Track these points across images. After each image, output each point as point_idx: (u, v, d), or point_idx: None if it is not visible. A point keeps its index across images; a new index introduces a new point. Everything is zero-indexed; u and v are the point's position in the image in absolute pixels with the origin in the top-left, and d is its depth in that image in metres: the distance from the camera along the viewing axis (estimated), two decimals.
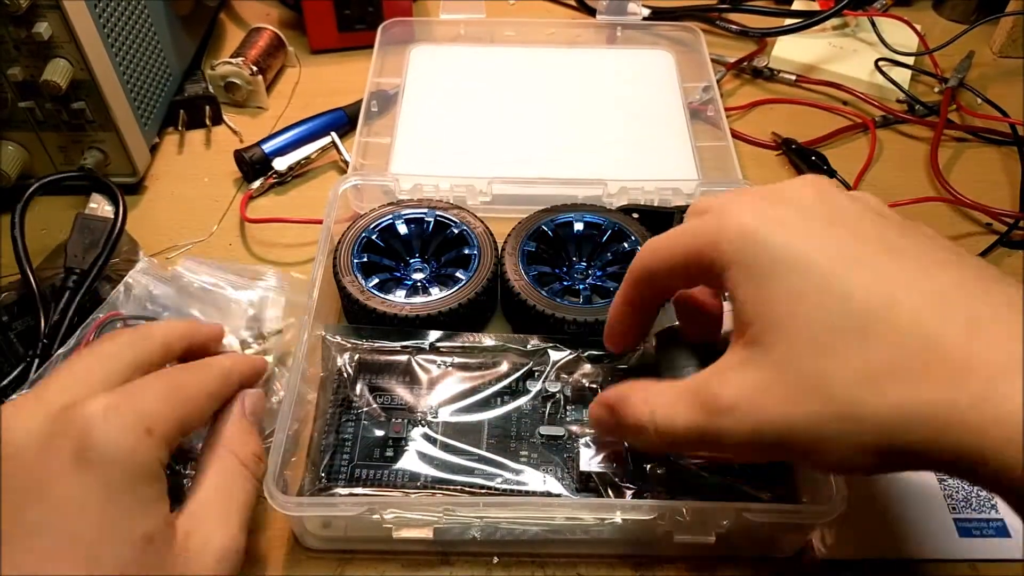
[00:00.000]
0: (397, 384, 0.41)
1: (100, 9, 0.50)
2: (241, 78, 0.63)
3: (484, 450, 0.38)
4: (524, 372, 0.41)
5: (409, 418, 0.39)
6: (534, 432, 0.39)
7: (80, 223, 0.47)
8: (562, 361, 0.42)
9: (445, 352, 0.42)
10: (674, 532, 0.37)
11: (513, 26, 0.69)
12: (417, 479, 0.37)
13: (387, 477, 0.38)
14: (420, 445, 0.38)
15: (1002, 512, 0.41)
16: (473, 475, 0.38)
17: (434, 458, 0.38)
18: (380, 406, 0.40)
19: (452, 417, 0.40)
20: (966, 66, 0.67)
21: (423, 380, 0.41)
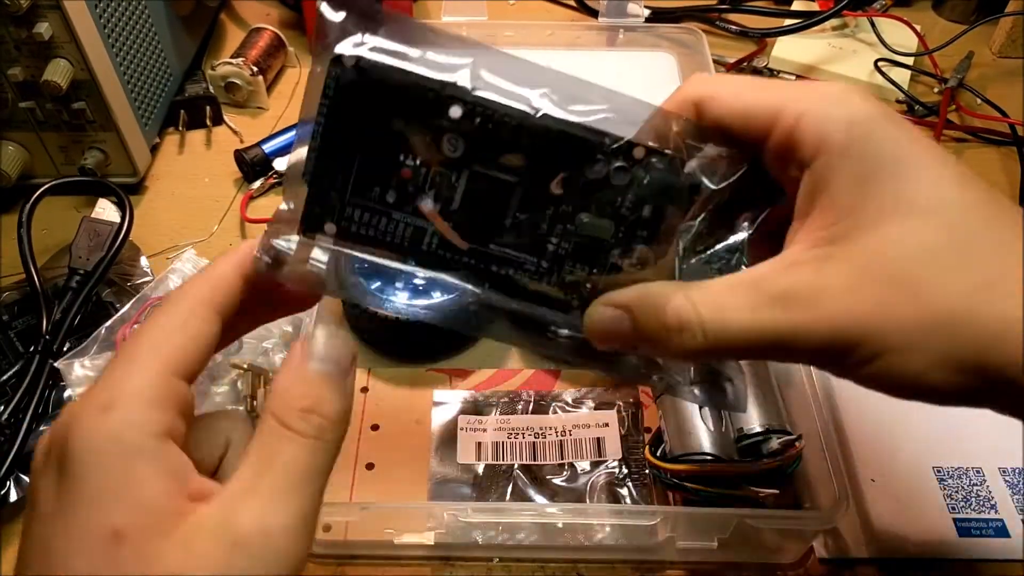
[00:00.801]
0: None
1: (101, 9, 0.50)
2: (241, 78, 0.63)
3: (507, 223, 0.28)
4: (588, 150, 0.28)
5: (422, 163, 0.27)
6: (574, 218, 0.28)
7: (85, 226, 0.48)
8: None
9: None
10: (676, 538, 0.37)
11: (514, 28, 0.69)
12: (421, 240, 0.27)
13: (385, 231, 0.27)
14: (431, 199, 0.27)
15: (1001, 512, 0.41)
16: (483, 255, 0.28)
17: (446, 217, 0.28)
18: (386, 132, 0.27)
19: (479, 172, 0.27)
20: (966, 66, 0.67)
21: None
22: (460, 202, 0.27)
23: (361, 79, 0.26)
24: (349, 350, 0.26)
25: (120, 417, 0.22)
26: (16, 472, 0.40)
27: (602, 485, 0.41)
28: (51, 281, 0.46)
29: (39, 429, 0.41)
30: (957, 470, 0.42)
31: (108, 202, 0.50)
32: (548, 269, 0.28)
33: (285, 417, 0.24)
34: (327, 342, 0.26)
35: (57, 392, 0.43)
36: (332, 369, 0.25)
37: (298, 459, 0.23)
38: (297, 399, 0.24)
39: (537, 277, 0.28)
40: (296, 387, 0.24)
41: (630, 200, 0.28)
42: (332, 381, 0.25)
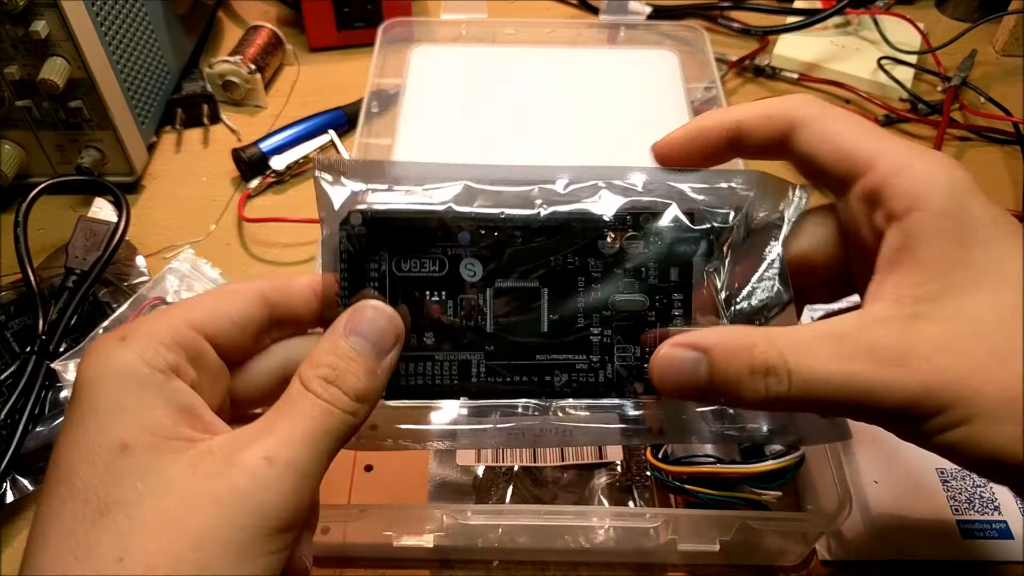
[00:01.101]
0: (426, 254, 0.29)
1: (98, 8, 0.50)
2: (239, 76, 0.63)
3: (545, 329, 0.28)
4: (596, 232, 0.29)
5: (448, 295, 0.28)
6: (607, 302, 0.28)
7: (82, 226, 0.47)
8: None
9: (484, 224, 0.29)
10: (677, 540, 0.37)
11: (515, 26, 0.68)
12: (469, 373, 0.28)
13: (432, 375, 0.28)
14: (467, 327, 0.28)
15: (1005, 514, 0.41)
16: (533, 369, 0.28)
17: (484, 344, 0.28)
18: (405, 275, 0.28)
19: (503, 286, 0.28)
20: (969, 65, 0.66)
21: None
22: (493, 324, 0.28)
23: (372, 231, 0.27)
24: (393, 330, 0.27)
25: (133, 348, 0.24)
26: (13, 473, 0.40)
27: (603, 487, 0.40)
28: (47, 281, 0.46)
29: (36, 430, 0.41)
30: (960, 472, 0.42)
31: (105, 201, 0.50)
32: (601, 361, 0.28)
33: (308, 381, 0.25)
34: (370, 319, 0.26)
35: (54, 393, 0.42)
36: (365, 348, 0.26)
37: (310, 416, 0.24)
38: (323, 367, 0.25)
39: (594, 374, 0.28)
40: (326, 356, 0.25)
41: (654, 267, 0.28)
42: (362, 359, 0.26)
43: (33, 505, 0.41)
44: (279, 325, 0.28)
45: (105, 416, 0.23)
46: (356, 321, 0.26)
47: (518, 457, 0.41)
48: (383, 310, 0.27)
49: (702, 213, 0.28)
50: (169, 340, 0.25)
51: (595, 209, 0.28)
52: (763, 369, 0.24)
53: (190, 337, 0.25)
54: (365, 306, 0.27)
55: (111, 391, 0.24)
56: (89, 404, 0.24)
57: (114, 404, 0.23)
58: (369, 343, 0.26)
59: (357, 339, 0.26)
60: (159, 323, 0.25)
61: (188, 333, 0.25)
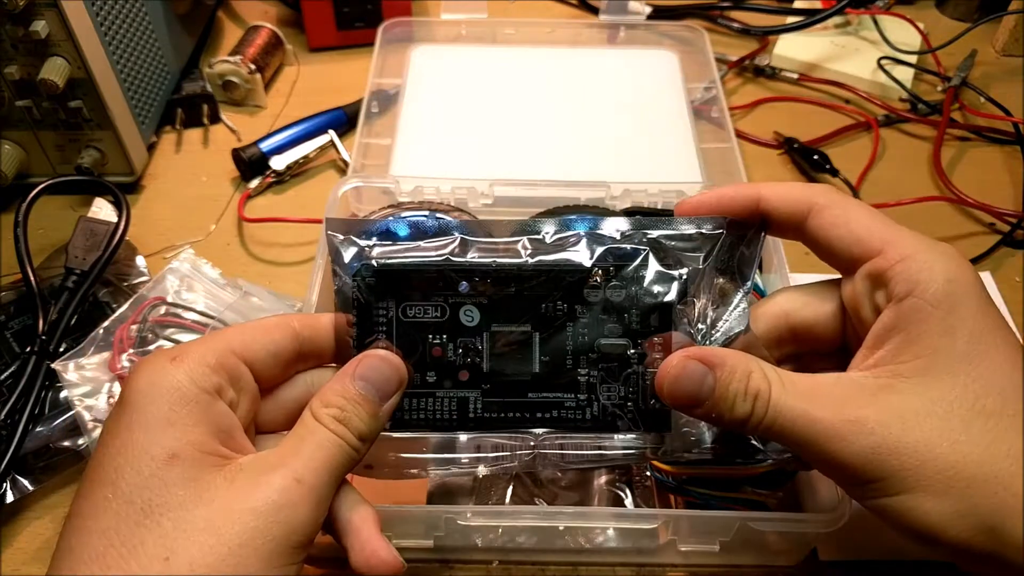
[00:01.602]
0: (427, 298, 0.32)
1: (98, 8, 0.50)
2: (239, 76, 0.63)
3: (536, 370, 0.31)
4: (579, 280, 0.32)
5: (447, 337, 0.31)
6: (593, 345, 0.31)
7: (82, 226, 0.47)
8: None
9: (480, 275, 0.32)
10: (677, 540, 0.37)
11: (514, 26, 0.68)
12: (467, 409, 0.31)
13: (434, 409, 0.31)
14: (465, 366, 0.31)
15: None
16: (525, 406, 0.31)
17: (481, 382, 0.31)
18: (410, 321, 0.31)
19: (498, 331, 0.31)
20: (969, 65, 0.66)
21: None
22: (489, 364, 0.31)
23: (380, 281, 0.31)
24: (397, 378, 0.30)
25: (183, 368, 0.27)
26: (13, 473, 0.40)
27: (603, 487, 0.40)
28: (47, 281, 0.46)
29: (36, 430, 0.41)
30: None
31: (105, 201, 0.50)
32: (587, 399, 0.31)
33: (320, 416, 0.28)
34: (377, 368, 0.30)
35: (54, 393, 0.42)
36: (371, 392, 0.29)
37: (326, 447, 0.28)
38: (334, 408, 0.28)
39: (580, 411, 0.31)
40: (337, 397, 0.29)
41: (635, 313, 0.31)
42: (367, 403, 0.29)
43: (34, 505, 0.41)
44: (304, 358, 0.31)
45: (155, 427, 0.26)
46: (365, 368, 0.29)
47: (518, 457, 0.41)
48: (389, 359, 0.30)
49: (676, 258, 0.31)
50: (215, 363, 0.28)
51: (576, 258, 0.31)
52: (754, 393, 0.27)
53: (233, 362, 0.28)
54: (374, 355, 0.30)
55: (161, 405, 0.26)
56: (139, 414, 0.26)
57: (164, 417, 0.26)
58: (374, 388, 0.29)
59: (365, 384, 0.29)
60: (208, 347, 0.28)
61: (232, 359, 0.28)
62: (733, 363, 0.28)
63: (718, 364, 0.28)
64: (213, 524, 0.25)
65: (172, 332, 0.45)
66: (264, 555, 0.25)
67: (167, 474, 0.25)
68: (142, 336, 0.44)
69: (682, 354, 0.28)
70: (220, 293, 0.47)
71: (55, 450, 0.41)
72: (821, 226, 0.29)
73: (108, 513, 0.25)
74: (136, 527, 0.24)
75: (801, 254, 0.54)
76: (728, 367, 0.28)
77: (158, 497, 0.25)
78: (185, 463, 0.26)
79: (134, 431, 0.26)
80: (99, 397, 0.41)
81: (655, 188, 0.50)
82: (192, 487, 0.25)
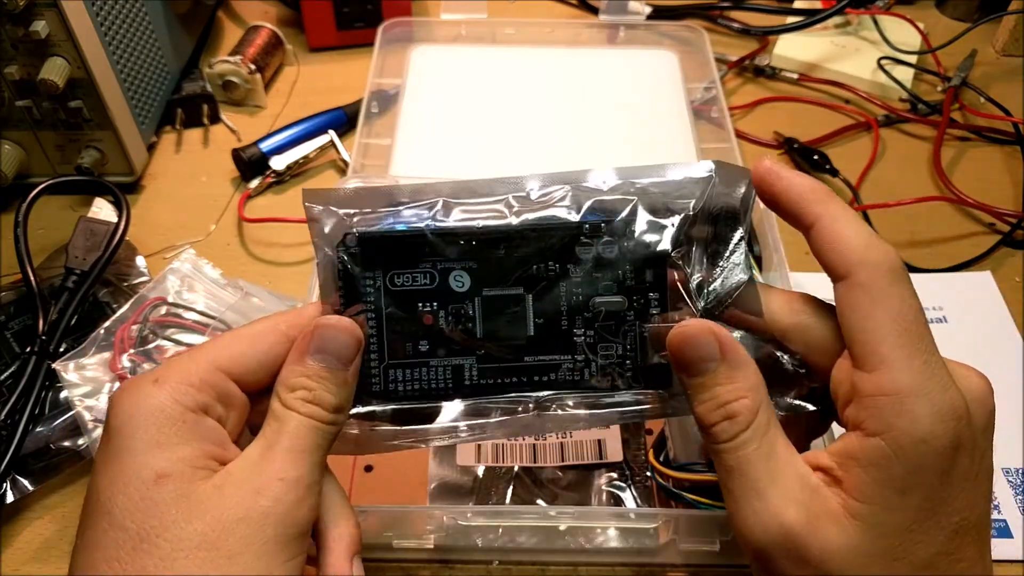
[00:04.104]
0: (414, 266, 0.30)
1: (98, 8, 0.50)
2: (239, 76, 0.63)
3: (531, 332, 0.30)
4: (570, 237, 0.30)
5: (437, 304, 0.30)
6: (588, 304, 0.30)
7: (82, 226, 0.47)
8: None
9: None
10: (678, 540, 0.37)
11: (514, 26, 0.68)
12: (462, 376, 0.30)
13: (428, 379, 0.30)
14: (456, 335, 0.30)
15: (1004, 513, 0.41)
16: (522, 370, 0.30)
17: (476, 348, 0.30)
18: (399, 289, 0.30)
19: (490, 295, 0.30)
20: (969, 65, 0.67)
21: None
22: (483, 330, 0.30)
23: (365, 251, 0.29)
24: (354, 340, 0.29)
25: (166, 390, 0.27)
26: (13, 474, 0.40)
27: (603, 487, 0.40)
28: (47, 281, 0.46)
29: (36, 431, 0.41)
30: None
31: (105, 201, 0.50)
32: (585, 359, 0.30)
33: (288, 403, 0.28)
34: (329, 336, 0.28)
35: (54, 393, 0.42)
36: (332, 363, 0.28)
37: (300, 432, 0.27)
38: (299, 390, 0.28)
39: (579, 372, 0.30)
40: (298, 378, 0.28)
41: (629, 269, 0.30)
42: (331, 374, 0.28)
43: (34, 505, 0.41)
44: None
45: (142, 451, 0.26)
46: (318, 341, 0.28)
47: (518, 457, 0.41)
48: (338, 324, 0.29)
49: (665, 206, 0.30)
50: (199, 382, 0.27)
51: (565, 214, 0.30)
52: (731, 412, 0.26)
53: (218, 379, 0.28)
54: (321, 325, 0.28)
55: (146, 429, 0.26)
56: (125, 441, 0.26)
57: (150, 440, 0.26)
58: (334, 357, 0.28)
59: (323, 357, 0.28)
60: (190, 366, 0.28)
61: (217, 376, 0.28)
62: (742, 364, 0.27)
63: (723, 355, 0.27)
64: (208, 539, 0.25)
65: (173, 332, 0.45)
66: (265, 559, 0.25)
67: (158, 495, 0.25)
68: (143, 336, 0.44)
69: (701, 323, 0.28)
70: (221, 293, 0.47)
71: (55, 450, 0.41)
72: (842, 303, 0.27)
73: (107, 542, 0.25)
74: (135, 552, 0.25)
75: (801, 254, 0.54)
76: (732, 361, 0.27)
77: (152, 519, 0.25)
78: (175, 481, 0.25)
79: (123, 457, 0.26)
80: (99, 397, 0.41)
81: None
82: (184, 504, 0.25)
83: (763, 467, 0.26)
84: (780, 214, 0.29)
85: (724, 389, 0.27)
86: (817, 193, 0.28)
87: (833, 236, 0.27)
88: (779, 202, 0.29)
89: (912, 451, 0.25)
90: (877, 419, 0.25)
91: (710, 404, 0.27)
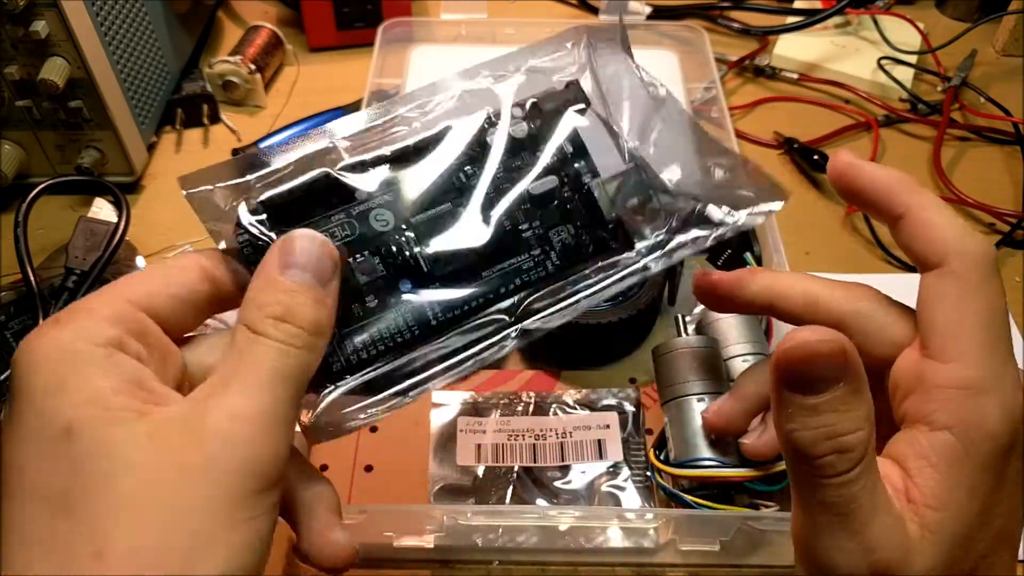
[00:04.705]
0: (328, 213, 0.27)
1: (98, 8, 0.50)
2: (239, 76, 0.63)
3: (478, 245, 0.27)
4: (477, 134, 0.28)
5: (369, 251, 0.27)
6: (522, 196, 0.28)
7: (82, 226, 0.47)
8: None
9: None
10: (678, 540, 0.37)
11: (514, 26, 0.68)
12: (425, 318, 0.27)
13: (391, 334, 0.27)
14: (403, 274, 0.27)
15: None
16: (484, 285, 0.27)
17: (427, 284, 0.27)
18: None
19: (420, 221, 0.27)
20: (969, 65, 0.66)
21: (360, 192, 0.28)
22: (427, 261, 0.27)
23: (269, 218, 0.26)
24: (329, 256, 0.25)
25: (69, 328, 0.22)
26: None
27: (603, 487, 0.40)
28: (47, 281, 0.46)
29: None
30: None
31: (105, 201, 0.49)
32: (542, 251, 0.28)
33: (255, 324, 0.23)
34: (303, 248, 0.24)
35: None
36: (307, 279, 0.24)
37: (267, 359, 0.23)
38: (270, 306, 0.23)
39: (541, 266, 0.28)
40: (268, 295, 0.24)
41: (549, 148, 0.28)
42: (308, 290, 0.24)
43: None
44: (221, 301, 0.26)
45: (42, 400, 0.21)
46: (288, 254, 0.24)
47: (518, 457, 0.41)
48: (313, 237, 0.25)
49: (556, 73, 0.29)
50: (109, 316, 0.23)
51: (461, 113, 0.28)
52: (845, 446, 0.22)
53: (131, 314, 0.23)
54: (293, 236, 0.25)
55: (47, 374, 0.21)
56: (25, 392, 0.21)
57: (51, 386, 0.21)
58: (308, 273, 0.24)
59: (295, 271, 0.24)
60: (96, 301, 0.23)
61: (128, 309, 0.23)
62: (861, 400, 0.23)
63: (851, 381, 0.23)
64: (142, 497, 0.20)
65: None
66: (219, 518, 0.21)
67: (71, 451, 0.20)
68: None
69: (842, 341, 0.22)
70: None
71: None
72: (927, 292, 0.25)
73: (24, 518, 0.20)
74: (56, 524, 0.20)
75: (801, 254, 0.54)
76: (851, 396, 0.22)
77: (70, 481, 0.20)
78: (88, 430, 0.21)
79: (24, 414, 0.21)
80: None
81: None
82: (105, 458, 0.20)
83: (865, 506, 0.23)
84: (863, 207, 0.28)
85: (840, 417, 0.22)
86: (905, 183, 0.27)
87: (927, 224, 0.26)
88: (864, 195, 0.27)
89: (981, 447, 0.23)
90: (948, 411, 0.23)
91: (820, 433, 0.22)
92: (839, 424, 0.22)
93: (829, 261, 0.53)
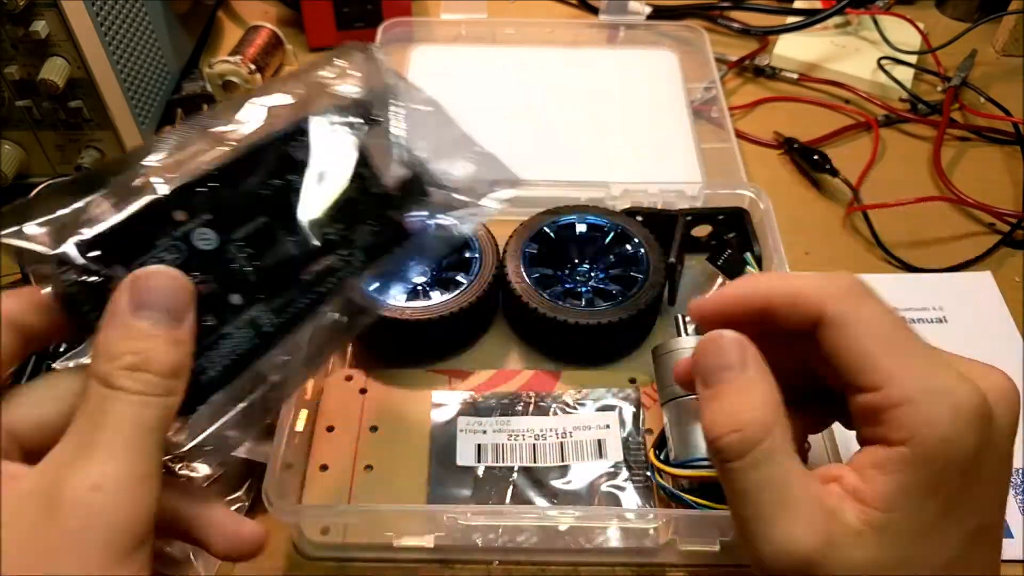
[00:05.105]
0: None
1: (98, 8, 0.50)
2: (239, 76, 0.63)
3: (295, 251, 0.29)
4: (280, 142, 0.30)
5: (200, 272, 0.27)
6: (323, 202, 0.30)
7: None
8: None
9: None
10: (678, 540, 0.37)
11: (514, 26, 0.68)
12: (261, 325, 0.28)
13: (233, 349, 0.27)
14: (232, 289, 0.28)
15: None
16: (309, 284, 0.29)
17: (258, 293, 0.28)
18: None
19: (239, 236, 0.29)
20: (969, 65, 0.66)
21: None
22: (255, 273, 0.28)
23: (96, 255, 0.26)
24: (185, 290, 0.24)
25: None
26: None
27: (603, 487, 0.40)
28: None
29: None
30: None
31: None
32: (350, 245, 0.30)
33: (109, 378, 0.22)
34: (156, 286, 0.23)
35: None
36: (162, 319, 0.23)
37: (127, 416, 0.22)
38: (122, 357, 0.22)
39: (353, 257, 0.30)
40: (121, 344, 0.23)
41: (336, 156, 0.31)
42: (164, 332, 0.23)
43: None
44: (33, 341, 0.25)
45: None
46: (140, 292, 0.23)
47: (518, 457, 0.41)
48: (164, 271, 0.24)
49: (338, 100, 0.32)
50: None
51: (257, 131, 0.30)
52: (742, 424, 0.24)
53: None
54: (143, 274, 0.23)
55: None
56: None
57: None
58: (163, 312, 0.23)
59: (150, 313, 0.23)
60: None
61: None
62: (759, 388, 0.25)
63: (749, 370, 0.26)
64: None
65: None
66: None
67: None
68: None
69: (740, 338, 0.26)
70: None
71: None
72: (827, 345, 0.26)
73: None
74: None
75: (801, 254, 0.54)
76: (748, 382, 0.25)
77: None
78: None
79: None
80: None
81: (655, 188, 0.50)
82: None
83: (776, 492, 0.24)
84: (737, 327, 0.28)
85: (738, 400, 0.25)
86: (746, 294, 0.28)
87: (789, 298, 0.26)
88: (727, 318, 0.28)
89: (937, 452, 0.24)
90: (896, 429, 0.24)
91: (720, 415, 0.25)
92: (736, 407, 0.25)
93: (829, 261, 0.54)
